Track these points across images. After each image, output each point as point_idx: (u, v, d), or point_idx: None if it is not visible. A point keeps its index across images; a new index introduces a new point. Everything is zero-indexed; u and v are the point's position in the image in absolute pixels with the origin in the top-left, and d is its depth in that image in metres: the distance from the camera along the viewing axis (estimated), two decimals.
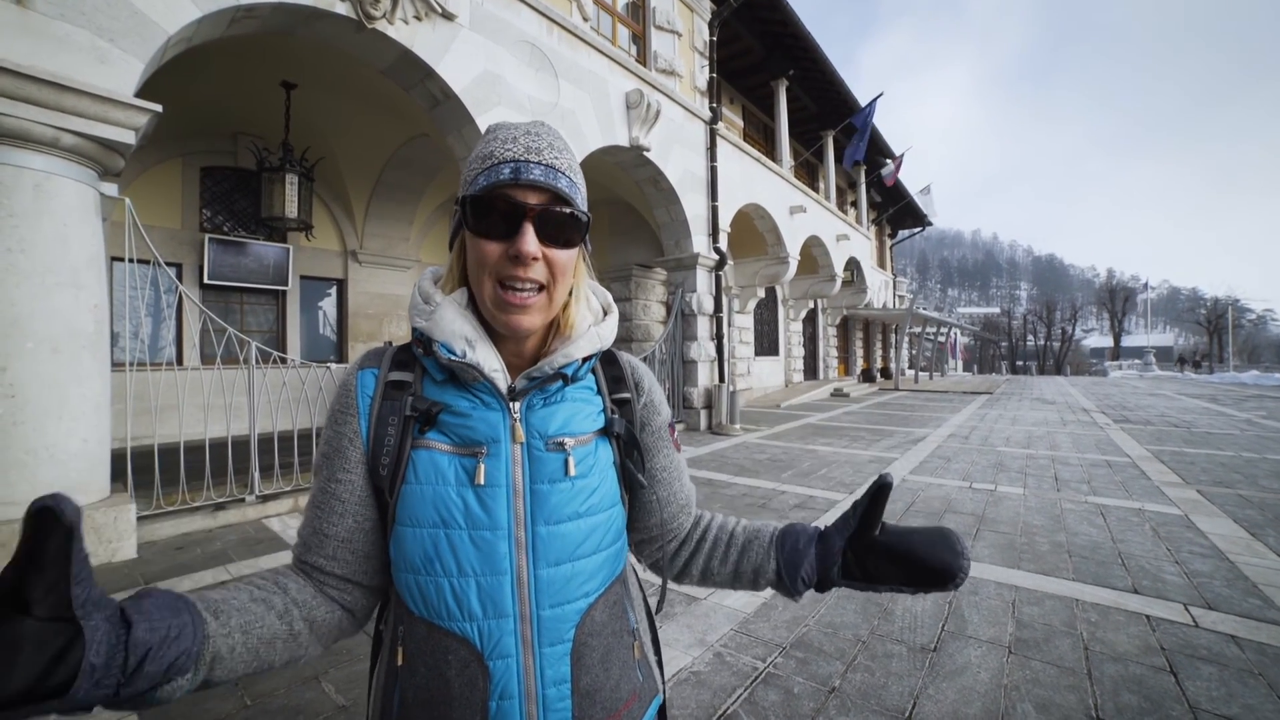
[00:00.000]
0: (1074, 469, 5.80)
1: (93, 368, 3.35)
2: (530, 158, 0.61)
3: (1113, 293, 63.65)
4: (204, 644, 0.51)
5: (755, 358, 14.61)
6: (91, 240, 3.35)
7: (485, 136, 0.65)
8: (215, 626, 0.53)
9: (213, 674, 0.52)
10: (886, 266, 25.19)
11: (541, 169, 0.61)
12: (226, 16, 3.96)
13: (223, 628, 0.54)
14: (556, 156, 0.63)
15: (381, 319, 9.60)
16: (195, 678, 0.50)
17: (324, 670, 2.17)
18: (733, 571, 0.76)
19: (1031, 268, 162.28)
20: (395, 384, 0.66)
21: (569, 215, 0.63)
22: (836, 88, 13.54)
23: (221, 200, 7.78)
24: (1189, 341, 75.24)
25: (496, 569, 0.61)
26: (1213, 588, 2.87)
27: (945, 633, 2.42)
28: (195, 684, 0.51)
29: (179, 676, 0.48)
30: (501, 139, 0.63)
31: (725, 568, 0.76)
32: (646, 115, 7.55)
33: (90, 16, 3.24)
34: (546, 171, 0.61)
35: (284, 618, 0.60)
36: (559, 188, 0.62)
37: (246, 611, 0.57)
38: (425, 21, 5.04)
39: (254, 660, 0.57)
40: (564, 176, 0.63)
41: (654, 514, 0.77)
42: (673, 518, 0.78)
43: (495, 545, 0.61)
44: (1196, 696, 1.97)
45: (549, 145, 0.63)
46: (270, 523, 4.05)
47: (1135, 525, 3.89)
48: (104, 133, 3.25)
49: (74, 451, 3.23)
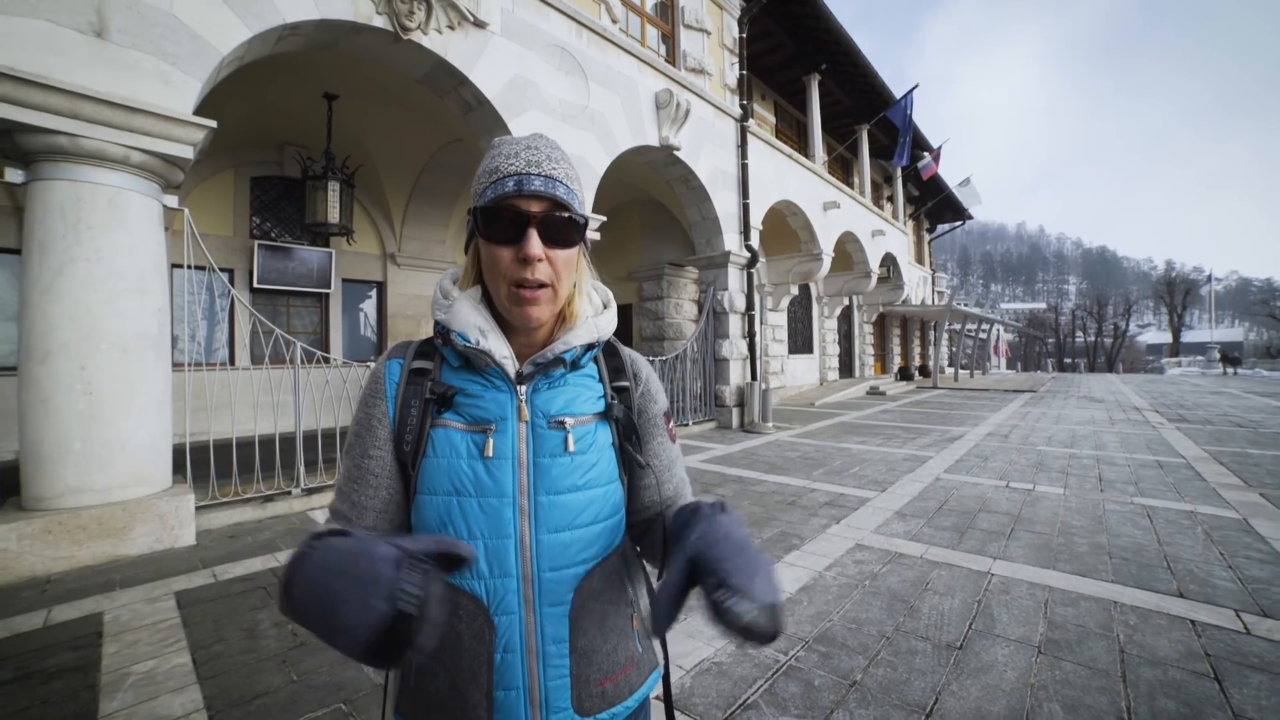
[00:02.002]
0: (1120, 469, 5.56)
1: (156, 367, 3.61)
2: (531, 170, 0.68)
3: (1171, 285, 60.24)
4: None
5: (789, 355, 14.45)
6: (156, 249, 3.62)
7: (490, 152, 0.73)
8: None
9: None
10: (925, 262, 24.49)
11: (541, 179, 0.68)
12: (274, 35, 4.19)
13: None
14: (554, 167, 0.70)
15: (419, 319, 9.91)
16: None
17: None
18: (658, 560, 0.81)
19: (1081, 261, 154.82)
20: (417, 371, 0.74)
21: (568, 219, 0.70)
22: (870, 80, 13.24)
23: (270, 208, 8.21)
24: (1261, 336, 70.38)
25: (502, 533, 0.68)
26: (1270, 594, 2.73)
27: (972, 631, 2.39)
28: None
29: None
30: (505, 154, 0.70)
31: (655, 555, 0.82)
32: (676, 114, 7.58)
33: (156, 44, 3.50)
34: (546, 181, 0.69)
35: None
36: (557, 195, 0.69)
37: None
38: (458, 30, 5.21)
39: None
40: (562, 185, 0.70)
41: (643, 497, 0.82)
42: (658, 503, 0.82)
43: (501, 511, 0.69)
44: (1242, 704, 1.89)
45: (547, 157, 0.70)
46: (315, 514, 4.27)
47: (1185, 528, 3.72)
48: (167, 149, 3.51)
49: (141, 444, 3.49)
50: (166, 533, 3.52)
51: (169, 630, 2.48)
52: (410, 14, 4.73)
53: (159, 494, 3.58)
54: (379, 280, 9.57)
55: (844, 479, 5.28)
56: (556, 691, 0.69)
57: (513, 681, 0.68)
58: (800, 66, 12.42)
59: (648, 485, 0.82)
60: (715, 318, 9.13)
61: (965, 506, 4.28)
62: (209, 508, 3.95)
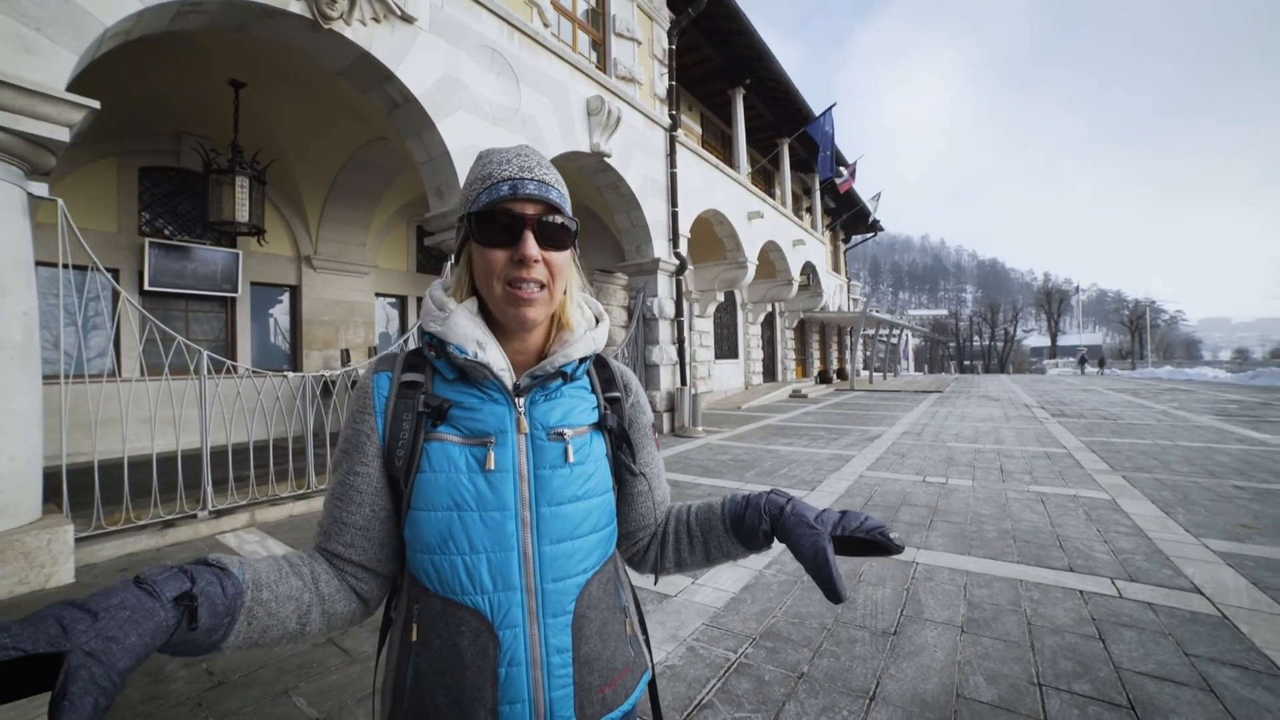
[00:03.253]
0: (1017, 461, 6.17)
1: (22, 380, 3.15)
2: (524, 175, 0.70)
3: (1049, 295, 67.67)
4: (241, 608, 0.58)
5: (716, 361, 14.86)
6: (18, 243, 3.16)
7: (479, 161, 0.73)
8: (251, 593, 0.60)
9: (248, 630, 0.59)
10: (841, 271, 26.05)
11: (535, 184, 0.70)
12: (170, 10, 3.80)
13: (258, 593, 0.61)
14: (545, 173, 0.72)
15: (338, 326, 9.30)
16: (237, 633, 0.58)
17: (294, 685, 2.11)
18: (704, 558, 0.84)
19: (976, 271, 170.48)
20: (408, 384, 0.73)
21: (561, 223, 0.72)
22: (791, 97, 13.97)
23: (163, 202, 7.40)
24: (1115, 340, 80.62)
25: (505, 546, 0.68)
26: (1134, 562, 3.15)
27: (904, 617, 2.56)
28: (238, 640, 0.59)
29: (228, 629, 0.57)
30: (497, 161, 0.71)
31: (696, 557, 0.84)
32: (607, 121, 7.62)
33: (12, 3, 3.04)
34: (539, 186, 0.70)
35: (302, 621, 0.66)
36: (550, 199, 0.71)
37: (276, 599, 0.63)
38: (384, 23, 4.96)
39: (257, 641, 0.62)
40: (554, 190, 0.72)
41: (636, 505, 0.84)
42: (651, 511, 0.86)
43: (503, 524, 0.68)
44: (1120, 658, 2.18)
45: (538, 164, 0.72)
46: (225, 539, 3.87)
47: (1071, 510, 4.19)
48: (32, 128, 3.07)
49: (0, 472, 3.02)
50: (34, 572, 3.06)
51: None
52: (332, 2, 4.45)
53: (25, 527, 3.11)
54: (293, 284, 8.88)
55: (775, 479, 5.49)
56: (561, 701, 0.69)
57: (518, 694, 0.67)
58: (726, 80, 12.89)
59: (641, 492, 0.84)
60: (645, 324, 9.23)
61: (888, 501, 4.58)
62: (93, 538, 3.49)
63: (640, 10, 8.93)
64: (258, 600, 0.60)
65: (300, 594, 0.65)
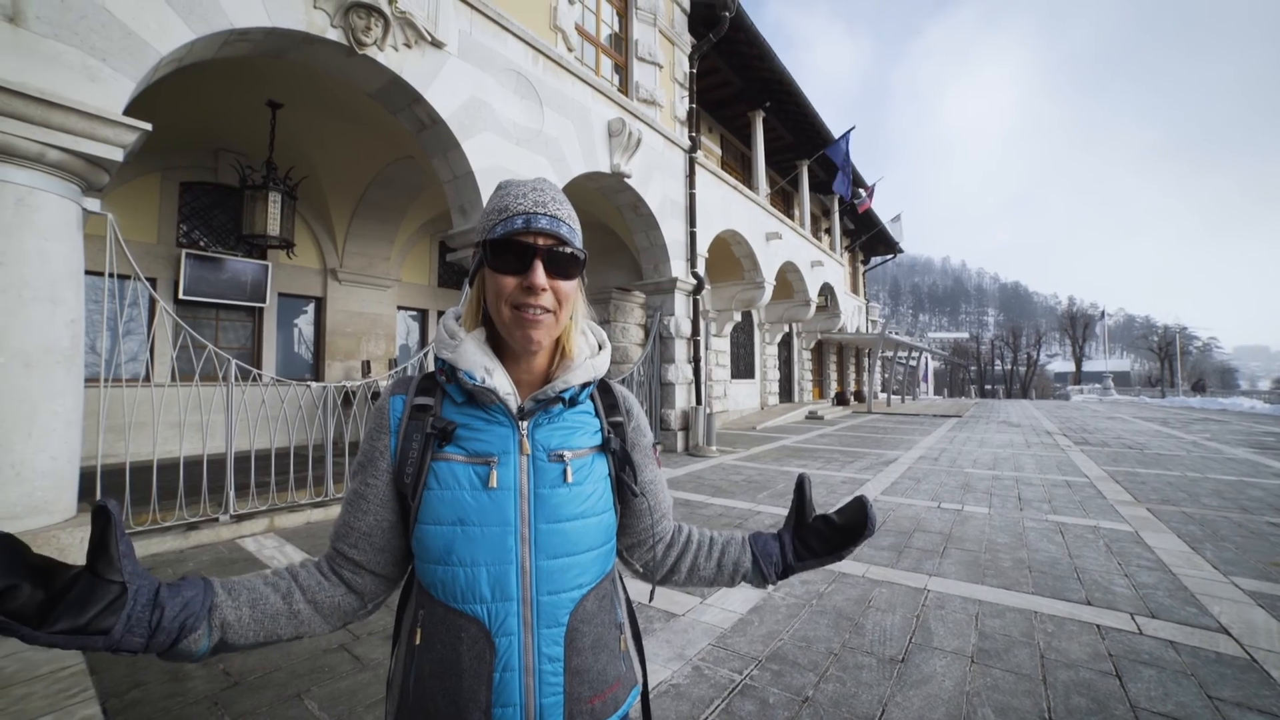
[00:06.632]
0: (1036, 489, 6.04)
1: (66, 384, 3.30)
2: (538, 210, 0.76)
3: (1074, 319, 66.31)
4: (211, 611, 0.66)
5: (732, 380, 14.82)
6: (72, 255, 3.34)
7: (498, 192, 0.80)
8: (224, 598, 0.68)
9: (226, 636, 0.67)
10: (859, 292, 25.92)
11: (547, 219, 0.76)
12: (219, 39, 4.03)
13: (232, 600, 0.69)
14: (558, 208, 0.78)
15: (360, 337, 9.52)
16: (210, 636, 0.66)
17: (306, 689, 2.17)
18: (715, 567, 0.93)
19: (998, 294, 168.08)
20: (419, 407, 0.79)
21: (569, 254, 0.77)
22: (811, 120, 14.09)
23: (200, 216, 7.72)
24: (1144, 367, 78.45)
25: (504, 559, 0.73)
26: (1156, 598, 3.06)
27: (913, 644, 2.53)
28: (212, 642, 0.66)
29: (192, 633, 0.63)
30: (514, 195, 0.77)
31: (709, 564, 0.93)
32: (628, 143, 7.78)
33: (83, 36, 3.29)
34: (551, 220, 0.76)
35: (287, 599, 0.74)
36: (560, 233, 0.76)
37: (255, 590, 0.72)
38: (415, 49, 5.18)
39: (262, 630, 0.71)
40: (564, 224, 0.77)
41: (643, 520, 0.90)
42: (658, 523, 0.91)
43: (503, 539, 0.73)
44: (1137, 697, 2.11)
45: (552, 199, 0.78)
46: (245, 543, 3.98)
47: (1090, 542, 4.09)
48: (92, 149, 3.28)
49: (41, 470, 3.16)
50: None
51: (72, 679, 2.23)
52: (366, 29, 4.68)
53: (60, 524, 3.23)
54: (318, 295, 9.14)
55: (788, 501, 5.43)
56: (551, 708, 0.73)
57: (510, 699, 0.71)
58: (746, 103, 13.07)
59: (642, 511, 0.89)
60: (661, 342, 9.29)
61: (902, 527, 4.52)
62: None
63: (662, 35, 9.15)
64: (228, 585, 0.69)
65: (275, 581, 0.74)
